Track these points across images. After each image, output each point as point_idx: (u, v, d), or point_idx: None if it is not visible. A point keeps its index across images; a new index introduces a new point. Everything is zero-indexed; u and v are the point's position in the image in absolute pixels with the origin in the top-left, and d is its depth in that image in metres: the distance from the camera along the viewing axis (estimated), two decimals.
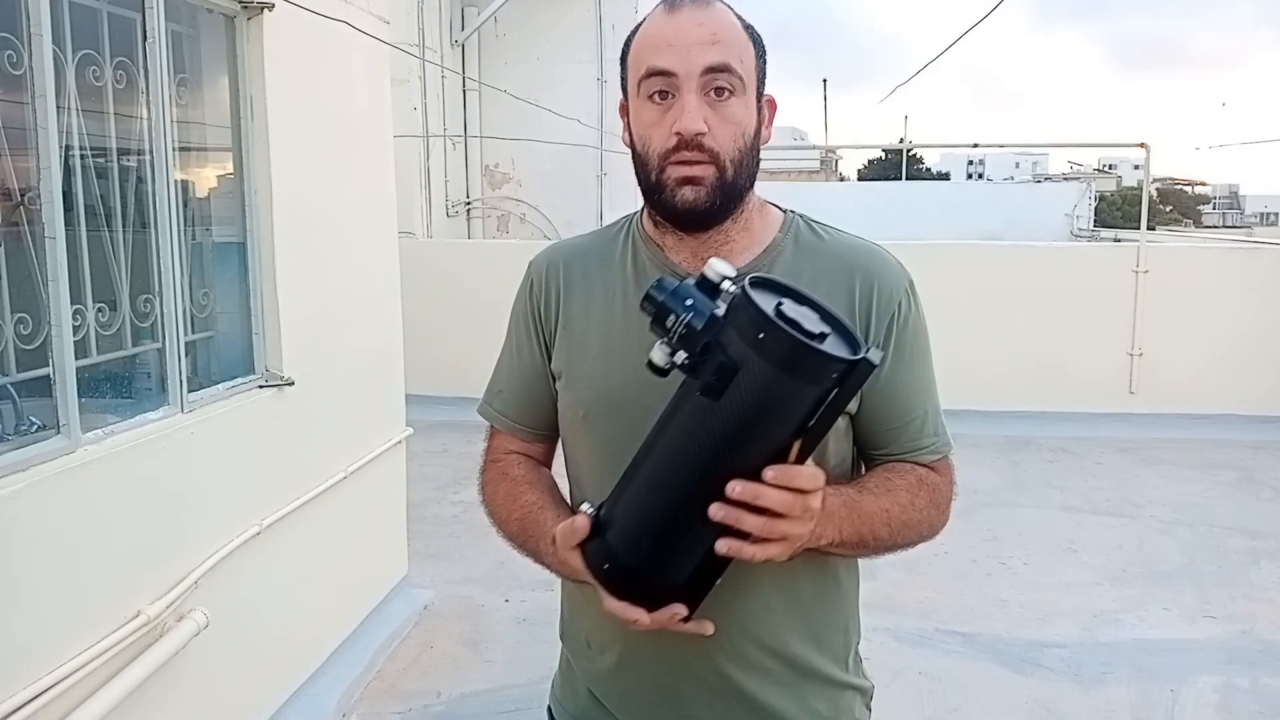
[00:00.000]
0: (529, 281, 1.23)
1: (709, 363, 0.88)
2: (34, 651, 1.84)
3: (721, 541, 0.92)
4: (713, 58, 1.04)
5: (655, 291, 0.92)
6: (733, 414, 0.89)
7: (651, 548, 0.97)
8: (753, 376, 0.86)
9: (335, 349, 3.19)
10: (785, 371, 0.86)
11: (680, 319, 0.90)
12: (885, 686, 2.87)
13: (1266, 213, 62.37)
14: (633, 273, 1.16)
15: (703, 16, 1.06)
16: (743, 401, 0.88)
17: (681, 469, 0.93)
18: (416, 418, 3.99)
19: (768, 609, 1.12)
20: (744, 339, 0.86)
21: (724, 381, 0.88)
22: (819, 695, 1.16)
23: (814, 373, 0.87)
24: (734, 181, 1.07)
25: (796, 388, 0.88)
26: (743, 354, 0.86)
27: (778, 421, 0.89)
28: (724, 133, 1.05)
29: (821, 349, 0.85)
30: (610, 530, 0.99)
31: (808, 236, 1.17)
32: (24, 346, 1.95)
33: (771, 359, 0.86)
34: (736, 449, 0.90)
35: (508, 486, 1.22)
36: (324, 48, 3.10)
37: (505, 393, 1.25)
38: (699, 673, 1.12)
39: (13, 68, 1.88)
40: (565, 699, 1.26)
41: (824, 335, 0.88)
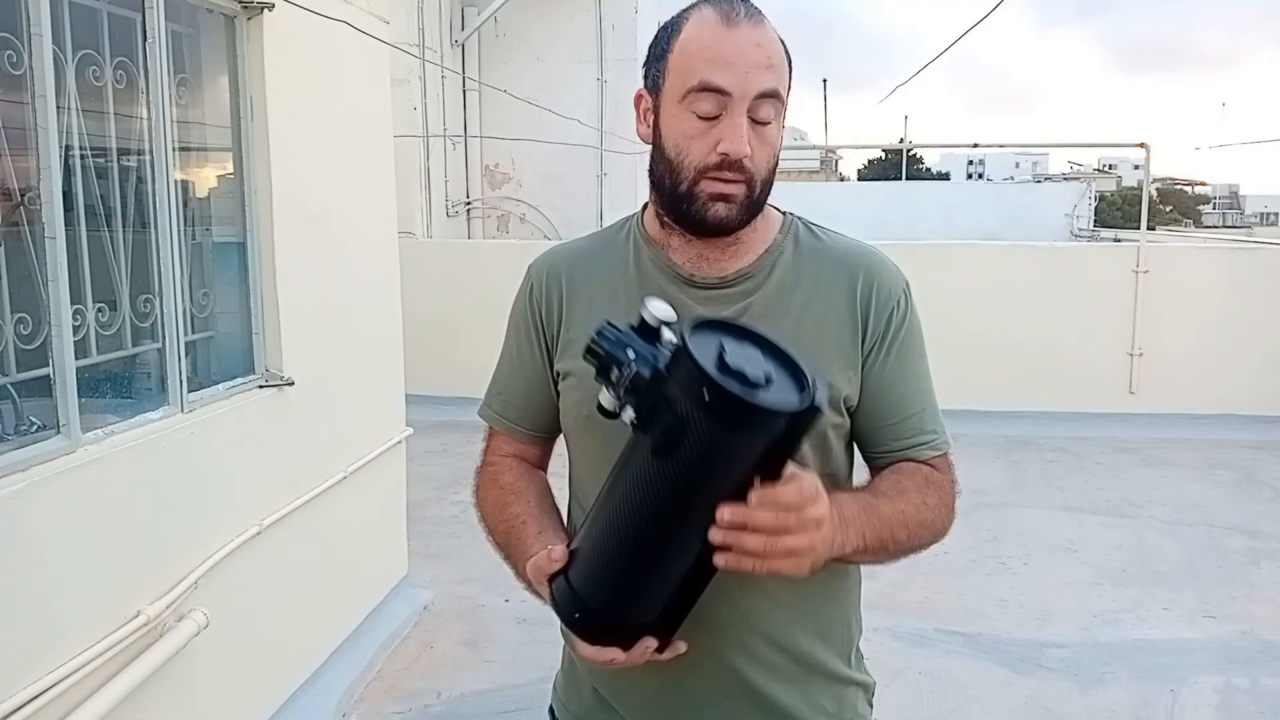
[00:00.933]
0: (529, 285, 1.23)
1: (656, 422, 0.87)
2: (34, 651, 1.84)
3: (720, 556, 0.90)
4: (768, 83, 1.05)
5: (597, 343, 0.91)
6: (685, 468, 0.87)
7: (618, 593, 0.98)
8: (700, 434, 0.84)
9: (335, 349, 3.19)
10: (732, 429, 0.84)
11: (623, 373, 0.89)
12: (885, 686, 2.87)
13: (1266, 213, 62.37)
14: (636, 274, 1.17)
15: (760, 36, 1.05)
16: (694, 456, 0.86)
17: (641, 518, 0.93)
18: (416, 418, 3.99)
19: (775, 604, 1.12)
20: (687, 396, 0.84)
21: (673, 441, 0.86)
22: (824, 691, 1.17)
23: (761, 427, 0.85)
24: (760, 198, 1.10)
25: (745, 441, 0.86)
26: (688, 412, 0.84)
27: (731, 470, 0.87)
28: (761, 155, 1.07)
29: (766, 406, 0.83)
30: (576, 578, 0.99)
31: (806, 238, 1.18)
32: (24, 346, 1.95)
33: (717, 418, 0.83)
34: (693, 498, 0.89)
35: (496, 495, 1.23)
36: (324, 48, 3.10)
37: (505, 394, 1.26)
38: (706, 669, 1.12)
39: (13, 68, 1.88)
40: (569, 699, 1.26)
41: (769, 379, 0.85)
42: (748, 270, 1.14)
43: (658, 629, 1.00)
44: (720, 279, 1.14)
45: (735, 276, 1.14)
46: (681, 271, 1.14)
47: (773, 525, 0.88)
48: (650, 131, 1.12)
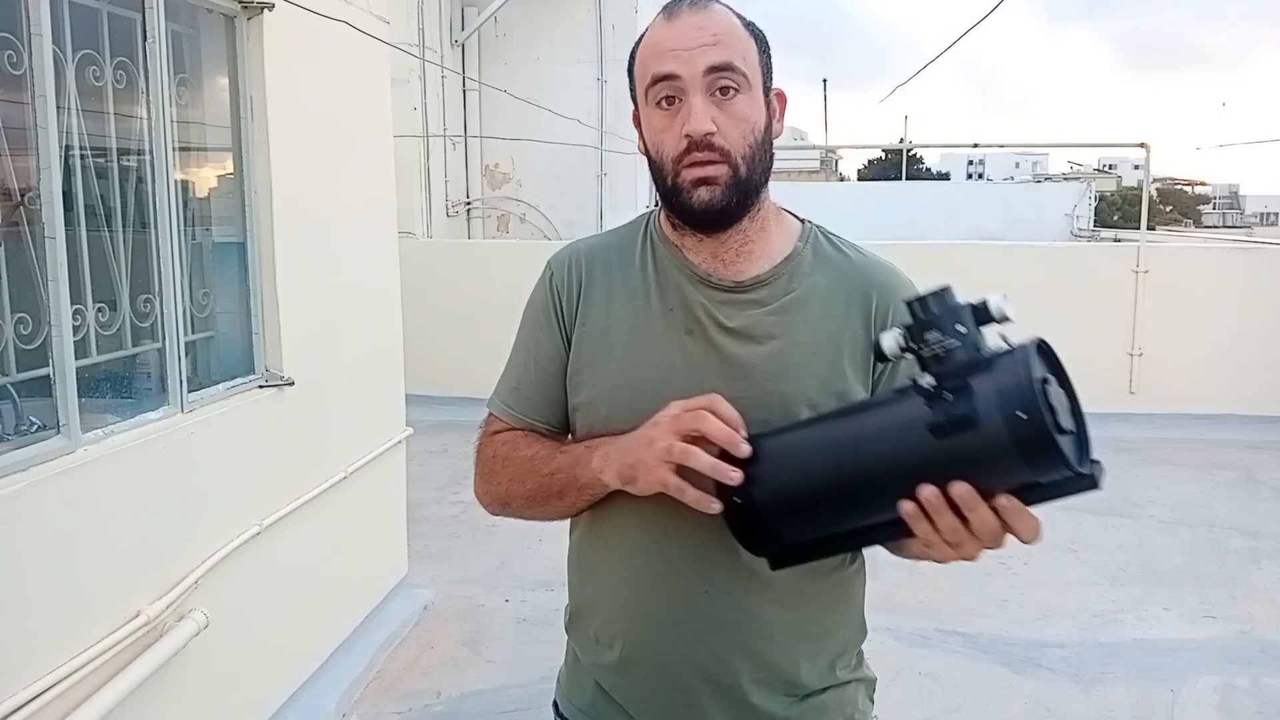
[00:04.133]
0: (549, 274, 1.22)
1: (952, 405, 0.86)
2: (34, 651, 1.84)
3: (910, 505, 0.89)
4: (714, 57, 1.05)
5: (934, 300, 0.90)
6: (948, 455, 0.87)
7: (790, 508, 0.98)
8: (987, 440, 0.84)
9: (335, 349, 3.19)
10: (1020, 455, 0.83)
11: (944, 340, 0.88)
12: (885, 686, 2.88)
13: (1266, 213, 62.39)
14: (654, 273, 1.16)
15: (701, 20, 1.07)
16: (965, 453, 0.86)
17: (869, 466, 0.93)
18: (416, 418, 3.99)
19: (782, 606, 1.12)
20: (1000, 404, 0.83)
21: (956, 430, 0.85)
22: (823, 690, 1.17)
23: (1045, 469, 0.85)
24: (748, 178, 1.08)
25: (1019, 470, 0.85)
26: (989, 416, 0.84)
27: (987, 481, 0.87)
28: (733, 130, 1.06)
29: (1065, 456, 0.82)
30: (759, 470, 0.97)
31: (827, 249, 1.18)
32: (24, 346, 1.95)
33: (1016, 439, 0.82)
34: (932, 479, 0.88)
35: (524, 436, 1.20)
36: (324, 48, 3.10)
37: (521, 389, 1.21)
38: (706, 667, 1.13)
39: (13, 68, 1.88)
40: (572, 693, 1.26)
41: (1069, 433, 0.85)
42: (765, 277, 1.13)
43: (785, 553, 1.01)
44: (737, 283, 1.13)
45: (751, 282, 1.13)
46: (699, 271, 1.14)
47: (983, 532, 0.89)
48: (643, 144, 1.14)
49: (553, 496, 1.14)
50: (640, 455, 1.01)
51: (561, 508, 1.16)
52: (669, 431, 0.98)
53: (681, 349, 1.12)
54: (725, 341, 1.11)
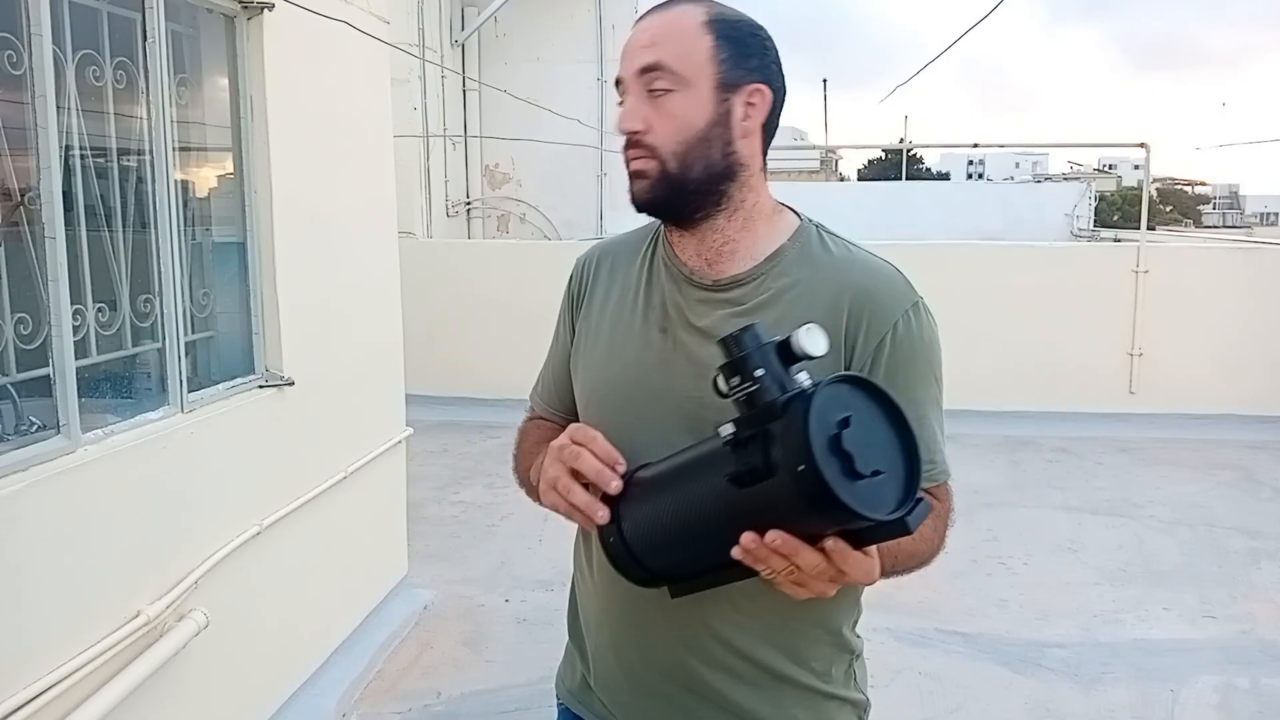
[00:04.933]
0: (570, 275, 1.28)
1: (748, 453, 0.85)
2: (34, 651, 1.84)
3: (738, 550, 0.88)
4: (644, 59, 1.07)
5: (735, 343, 0.88)
6: (752, 503, 0.86)
7: (654, 546, 0.99)
8: (779, 491, 0.83)
9: (335, 349, 3.19)
10: (810, 508, 0.81)
11: (744, 386, 0.87)
12: (885, 686, 2.87)
13: (1266, 213, 62.39)
14: (648, 271, 1.18)
15: (650, 21, 1.09)
16: (764, 501, 0.85)
17: (690, 513, 0.93)
18: (416, 418, 3.99)
19: (737, 610, 1.11)
20: (786, 455, 0.82)
21: (751, 480, 0.84)
22: (797, 702, 1.15)
23: (839, 520, 0.83)
24: (681, 174, 1.08)
25: (818, 521, 0.84)
26: (780, 468, 0.82)
27: (792, 526, 0.85)
28: (663, 128, 1.07)
29: (851, 506, 0.79)
30: (625, 511, 0.99)
31: (816, 247, 1.14)
32: (24, 346, 1.95)
33: (802, 491, 0.81)
34: (745, 526, 0.87)
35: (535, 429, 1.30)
36: (324, 48, 3.10)
37: (543, 379, 1.32)
38: (666, 666, 1.14)
39: (13, 68, 1.88)
40: (565, 674, 1.32)
41: (876, 474, 0.82)
42: (743, 276, 1.12)
43: (671, 583, 1.02)
44: (715, 282, 1.13)
45: (728, 282, 1.12)
46: (684, 269, 1.15)
47: (813, 572, 0.88)
48: None
49: (532, 491, 1.20)
50: (539, 476, 1.08)
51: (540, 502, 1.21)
52: (556, 461, 1.03)
53: (652, 346, 1.14)
54: (690, 340, 1.12)
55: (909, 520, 0.83)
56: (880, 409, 0.87)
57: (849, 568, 0.87)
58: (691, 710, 1.14)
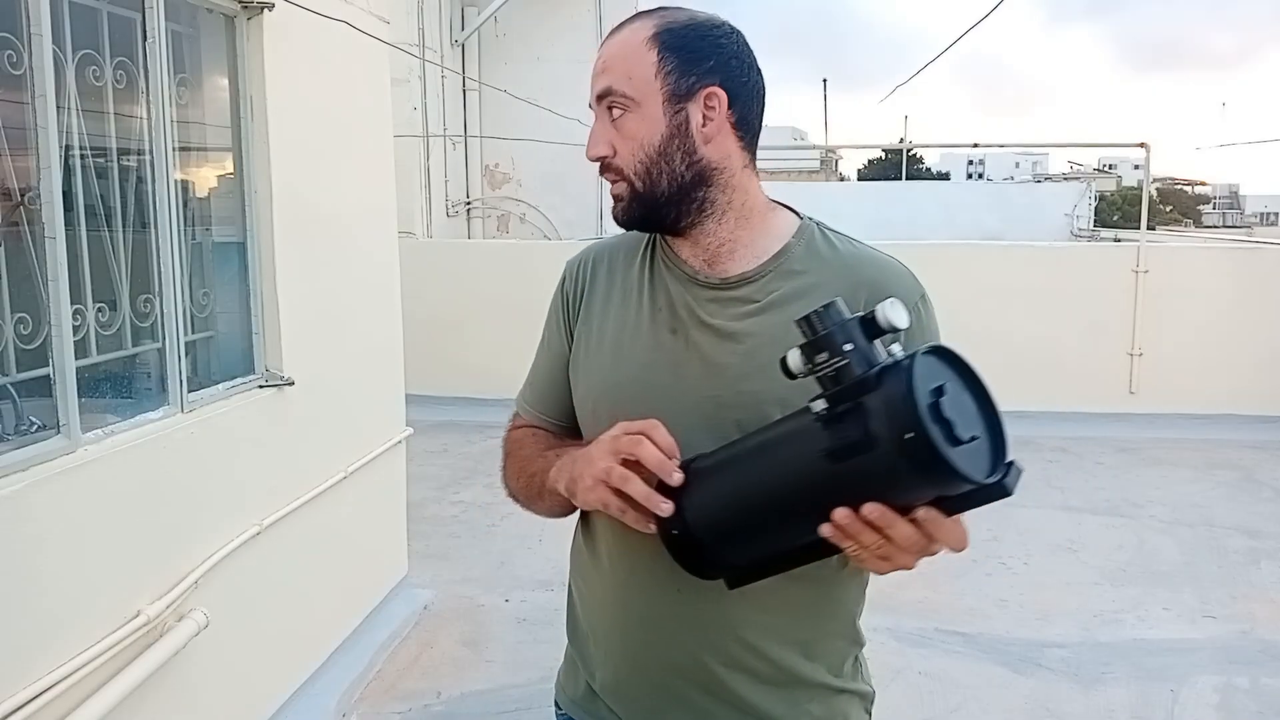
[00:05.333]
0: (563, 278, 1.27)
1: (845, 428, 0.85)
2: (34, 651, 1.84)
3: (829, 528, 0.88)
4: (598, 86, 1.11)
5: (819, 319, 0.88)
6: (848, 479, 0.86)
7: (722, 536, 0.98)
8: (882, 462, 0.83)
9: (335, 349, 3.19)
10: (916, 473, 0.82)
11: (832, 361, 0.86)
12: (885, 686, 2.86)
13: (1266, 213, 62.39)
14: (650, 273, 1.18)
15: (606, 46, 1.12)
16: (864, 475, 0.85)
17: (777, 493, 0.93)
18: (416, 418, 3.99)
19: (761, 610, 1.11)
20: (889, 426, 0.81)
21: (851, 454, 0.84)
22: (811, 698, 1.16)
23: (943, 484, 0.83)
24: (649, 191, 1.10)
25: (921, 488, 0.84)
26: (882, 438, 0.82)
27: (887, 497, 0.86)
28: (624, 149, 1.10)
29: (959, 469, 0.80)
30: (690, 504, 0.98)
31: (821, 244, 1.15)
32: (24, 346, 1.95)
33: (909, 459, 0.81)
34: (839, 502, 0.87)
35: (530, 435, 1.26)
36: (324, 48, 3.10)
37: (534, 385, 1.28)
38: (683, 666, 1.13)
39: (13, 68, 1.88)
40: (567, 684, 1.29)
41: (973, 439, 0.83)
42: (751, 274, 1.12)
43: (734, 575, 1.02)
44: (722, 281, 1.13)
45: (737, 280, 1.13)
46: (687, 269, 1.15)
47: (905, 544, 0.88)
48: None
49: (536, 498, 1.20)
50: (581, 472, 1.04)
51: (546, 508, 1.21)
52: (609, 453, 1.00)
53: (663, 347, 1.13)
54: (704, 340, 1.12)
55: (1007, 483, 0.84)
56: (963, 378, 0.88)
57: (942, 536, 0.88)
58: (707, 712, 1.14)
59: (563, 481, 1.09)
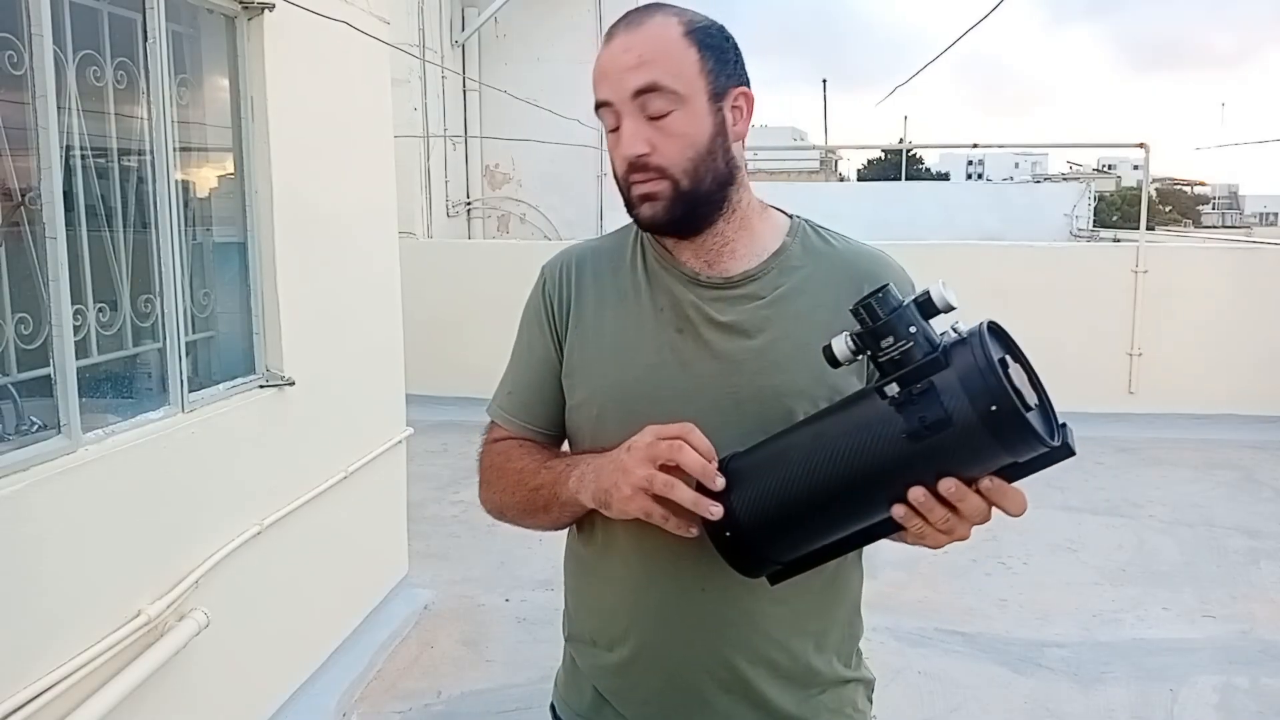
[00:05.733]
0: (542, 281, 1.24)
1: (923, 408, 0.86)
2: (34, 651, 1.84)
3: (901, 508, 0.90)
4: (638, 80, 1.05)
5: (879, 305, 0.89)
6: (927, 455, 0.87)
7: (779, 532, 0.98)
8: (964, 436, 0.85)
9: (336, 349, 3.19)
10: (999, 443, 0.85)
11: (897, 345, 0.88)
12: (885, 686, 2.87)
13: (1266, 213, 62.40)
14: (645, 274, 1.17)
15: (630, 40, 1.07)
16: (942, 451, 0.86)
17: (849, 481, 0.93)
18: (416, 418, 3.99)
19: (780, 604, 1.12)
20: (969, 398, 0.84)
21: (932, 433, 0.86)
22: (823, 689, 1.17)
23: (1023, 450, 0.86)
24: (694, 189, 1.08)
25: (1000, 456, 0.87)
26: (962, 413, 0.84)
27: (963, 471, 0.88)
28: (670, 148, 1.06)
29: (1041, 435, 0.84)
30: (741, 501, 0.97)
31: (815, 241, 1.18)
32: (25, 346, 1.95)
33: (993, 430, 0.83)
34: (916, 478, 0.89)
35: (518, 447, 1.21)
36: (324, 48, 3.10)
37: (515, 393, 1.24)
38: (708, 666, 1.13)
39: (13, 68, 1.88)
40: (570, 696, 1.26)
41: (1035, 406, 0.87)
42: (754, 272, 1.14)
43: (781, 570, 1.02)
44: (726, 279, 1.14)
45: (741, 278, 1.14)
46: (687, 271, 1.15)
47: (976, 516, 0.91)
48: None
49: (539, 511, 1.16)
50: (616, 482, 1.00)
51: (550, 520, 1.17)
52: (645, 460, 0.98)
53: (672, 347, 1.13)
54: (716, 338, 1.12)
55: (1070, 443, 0.87)
56: (1012, 353, 0.90)
57: (1007, 502, 0.91)
58: (725, 713, 1.14)
59: (588, 492, 1.05)
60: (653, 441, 0.98)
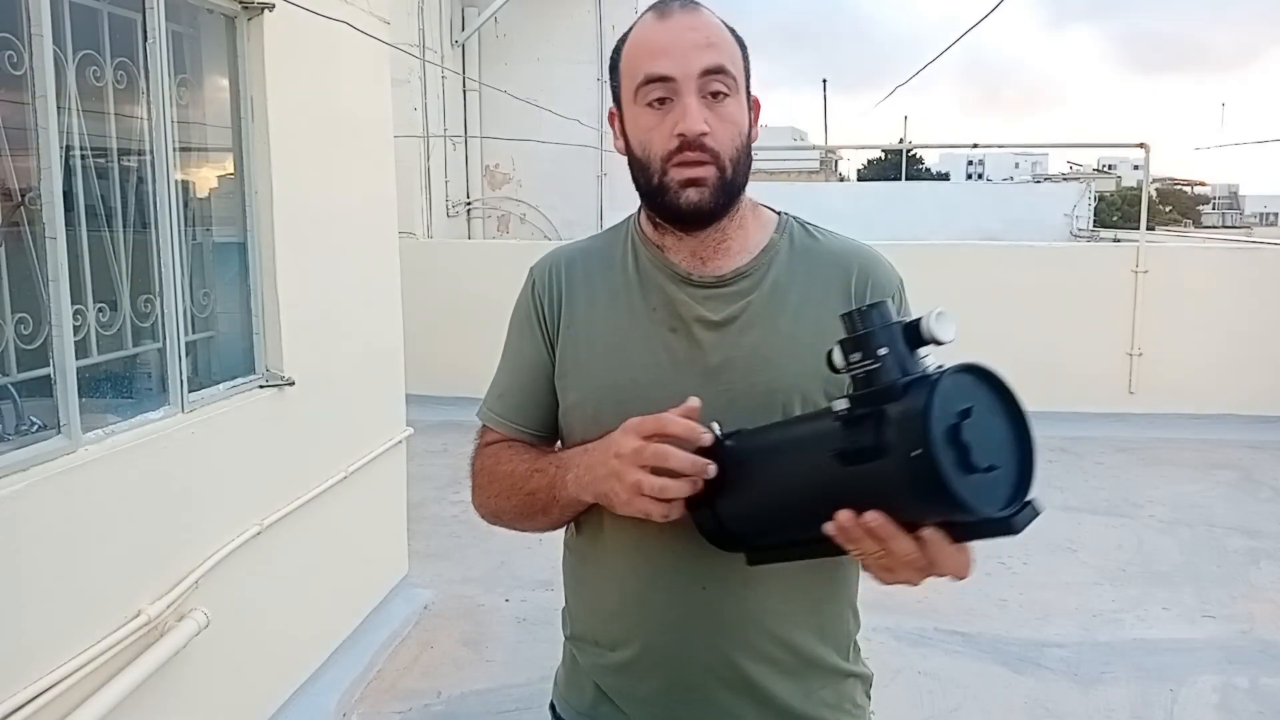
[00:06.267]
0: (531, 283, 1.24)
1: (859, 431, 0.84)
2: (34, 651, 1.84)
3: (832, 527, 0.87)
4: (710, 60, 1.06)
5: (861, 317, 0.87)
6: (856, 482, 0.85)
7: (747, 518, 1.00)
8: (887, 473, 0.81)
9: (335, 349, 3.19)
10: (919, 494, 0.80)
11: (864, 363, 0.85)
12: (885, 686, 2.86)
13: (1266, 213, 62.40)
14: (635, 274, 1.18)
15: (694, 21, 1.08)
16: (869, 482, 0.83)
17: (789, 487, 0.93)
18: (416, 418, 4.00)
19: (781, 599, 1.13)
20: (900, 439, 0.80)
21: (860, 459, 0.83)
22: (823, 684, 1.18)
23: (945, 510, 0.81)
24: (733, 180, 1.09)
25: (920, 507, 0.82)
26: (892, 450, 0.80)
27: (895, 509, 0.84)
28: (723, 133, 1.07)
29: (961, 497, 0.77)
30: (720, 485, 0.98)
31: (802, 237, 1.19)
32: (25, 346, 1.95)
33: (911, 476, 0.79)
34: (845, 502, 0.86)
35: (506, 449, 1.22)
36: (324, 48, 3.10)
37: (506, 395, 1.23)
38: (710, 663, 1.13)
39: (13, 68, 1.88)
40: (570, 695, 1.26)
41: (991, 469, 0.79)
42: (745, 269, 1.15)
43: (756, 554, 1.03)
44: (717, 278, 1.14)
45: (732, 275, 1.14)
46: (679, 270, 1.15)
47: (905, 560, 0.87)
48: (624, 142, 1.14)
49: (538, 514, 1.16)
50: (613, 488, 1.01)
51: (550, 522, 1.18)
52: (632, 466, 0.99)
53: (666, 347, 1.13)
54: (708, 337, 1.12)
55: (1015, 520, 0.81)
56: (1001, 403, 0.84)
57: (942, 560, 0.86)
58: (728, 708, 1.14)
59: (589, 493, 1.06)
60: (640, 448, 0.99)
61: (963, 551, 0.87)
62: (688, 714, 1.15)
